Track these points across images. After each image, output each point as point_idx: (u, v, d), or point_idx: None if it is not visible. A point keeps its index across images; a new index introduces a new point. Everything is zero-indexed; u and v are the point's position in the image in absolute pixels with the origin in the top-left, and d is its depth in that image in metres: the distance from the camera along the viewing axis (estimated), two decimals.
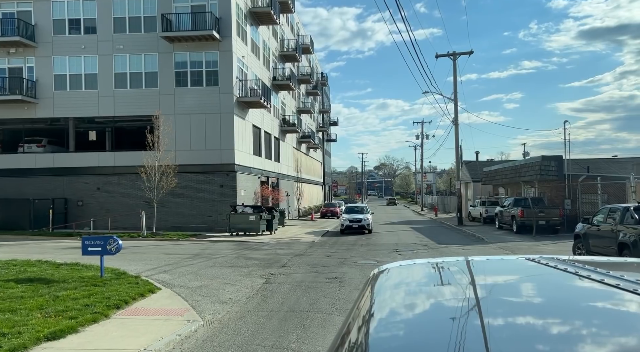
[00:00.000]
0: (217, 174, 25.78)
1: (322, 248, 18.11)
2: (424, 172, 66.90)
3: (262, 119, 32.08)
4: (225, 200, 25.51)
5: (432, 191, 78.29)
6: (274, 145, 36.31)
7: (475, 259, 1.99)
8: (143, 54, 26.08)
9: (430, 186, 78.56)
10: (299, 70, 46.93)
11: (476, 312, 1.24)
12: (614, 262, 1.93)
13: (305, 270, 12.74)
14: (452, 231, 26.55)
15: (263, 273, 12.27)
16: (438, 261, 2.01)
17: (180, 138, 25.80)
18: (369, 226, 23.46)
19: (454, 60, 28.96)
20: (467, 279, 1.72)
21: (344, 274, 11.85)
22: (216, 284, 10.80)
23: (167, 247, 18.19)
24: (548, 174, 22.68)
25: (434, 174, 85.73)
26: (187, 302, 8.82)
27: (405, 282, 1.73)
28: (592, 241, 12.04)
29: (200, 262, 14.14)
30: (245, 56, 28.18)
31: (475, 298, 1.38)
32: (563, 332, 1.11)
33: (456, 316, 1.22)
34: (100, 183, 26.29)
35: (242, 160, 27.26)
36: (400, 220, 37.71)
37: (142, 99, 25.86)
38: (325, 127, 66.45)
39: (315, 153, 61.39)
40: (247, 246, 18.84)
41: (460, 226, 28.26)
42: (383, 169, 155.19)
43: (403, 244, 19.37)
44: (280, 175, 37.78)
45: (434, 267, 1.93)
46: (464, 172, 36.47)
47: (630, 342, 1.02)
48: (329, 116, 74.73)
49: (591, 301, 1.33)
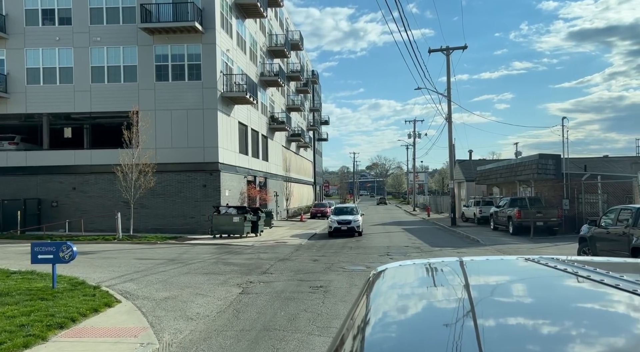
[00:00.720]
0: (200, 173, 24.54)
1: (309, 252, 16.98)
2: (416, 172, 66.01)
3: (248, 116, 30.86)
4: (208, 200, 24.28)
5: (424, 190, 77.67)
6: (262, 143, 35.10)
7: (475, 260, 2.01)
8: (121, 47, 24.75)
9: (422, 186, 77.92)
10: (288, 67, 45.75)
11: (477, 314, 1.22)
12: (613, 263, 1.92)
13: (287, 277, 11.61)
14: (446, 232, 25.56)
15: (241, 281, 11.11)
16: (437, 261, 2.00)
17: (160, 135, 24.53)
18: (359, 227, 22.30)
19: (447, 55, 28.00)
20: (466, 280, 1.70)
21: (330, 283, 10.73)
22: (186, 294, 9.63)
23: (142, 251, 16.94)
24: (546, 172, 21.75)
25: (425, 173, 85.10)
26: (147, 319, 7.63)
27: (404, 283, 1.73)
28: (600, 245, 11.04)
29: (173, 269, 12.93)
30: (230, 50, 26.95)
31: (476, 299, 1.38)
32: (564, 332, 1.10)
33: (456, 317, 1.21)
34: (76, 183, 24.92)
35: (227, 158, 26.05)
36: (392, 220, 36.69)
37: (121, 94, 24.53)
38: (315, 125, 65.29)
39: (306, 152, 60.24)
40: (228, 250, 17.65)
41: (454, 226, 27.29)
42: (375, 169, 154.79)
43: (395, 246, 18.31)
44: (268, 174, 36.59)
45: (433, 267, 1.93)
46: (457, 172, 35.53)
47: (630, 342, 1.01)
48: (319, 115, 73.60)
49: (591, 302, 1.32)
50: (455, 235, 23.46)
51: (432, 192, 74.82)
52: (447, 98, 28.00)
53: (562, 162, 21.79)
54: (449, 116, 28.04)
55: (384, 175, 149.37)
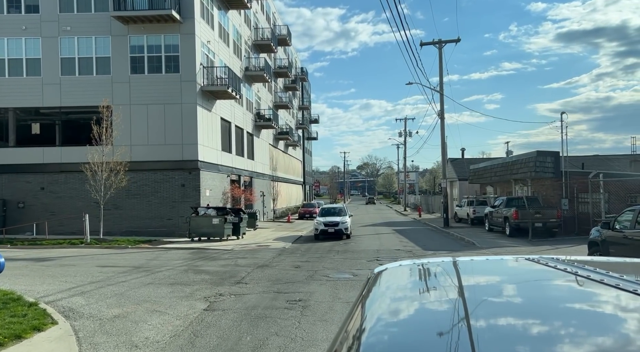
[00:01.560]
0: (179, 171, 23.04)
1: (292, 257, 15.61)
2: (406, 171, 64.88)
3: (232, 112, 29.40)
4: (187, 201, 22.80)
5: (415, 190, 76.73)
6: (247, 141, 33.64)
7: (475, 259, 2.04)
8: (93, 37, 23.15)
9: (412, 186, 76.98)
10: (275, 63, 44.32)
11: (479, 315, 1.23)
12: (613, 262, 1.90)
13: (263, 288, 10.23)
14: (439, 233, 24.33)
15: (209, 294, 9.71)
16: (437, 261, 2.01)
17: (136, 131, 23.00)
18: (347, 229, 20.91)
19: (440, 48, 26.79)
20: (467, 280, 1.70)
21: (310, 295, 9.37)
22: (140, 312, 8.21)
23: (108, 257, 15.43)
24: (544, 171, 20.61)
25: (416, 173, 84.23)
26: (79, 349, 6.22)
27: (404, 283, 1.72)
28: (614, 250, 9.82)
29: (136, 278, 11.48)
30: (211, 41, 25.47)
31: (477, 300, 1.39)
32: (564, 332, 1.10)
33: (458, 318, 1.22)
34: (45, 182, 23.28)
35: (208, 156, 24.57)
36: (382, 221, 35.44)
37: (93, 87, 22.93)
38: (305, 124, 63.88)
39: (295, 151, 58.84)
40: (204, 255, 16.21)
41: (447, 228, 26.09)
42: (366, 168, 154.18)
43: (385, 250, 17.01)
44: (254, 173, 35.14)
45: (433, 267, 1.92)
46: (449, 170, 34.35)
47: (630, 342, 1.02)
48: (309, 113, 72.21)
49: (591, 301, 1.32)
50: (448, 237, 22.24)
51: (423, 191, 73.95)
52: (439, 93, 26.79)
53: (560, 160, 20.66)
54: (442, 112, 26.85)
55: (374, 175, 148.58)
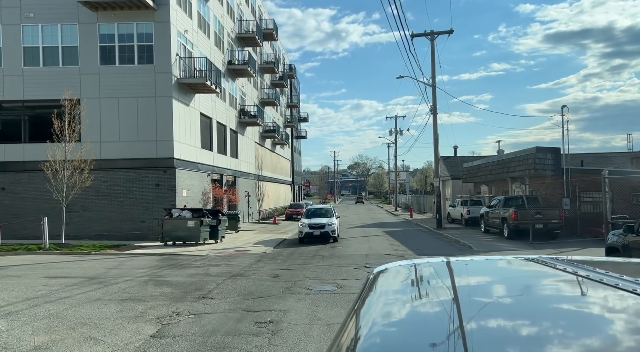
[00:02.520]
0: (153, 170, 21.35)
1: (271, 263, 14.06)
2: (397, 171, 63.58)
3: (213, 108, 27.74)
4: (162, 202, 21.13)
5: (406, 190, 75.58)
6: (231, 138, 32.00)
7: (475, 259, 2.06)
8: (59, 24, 21.38)
9: (403, 185, 75.86)
10: (262, 58, 42.71)
11: (478, 314, 1.22)
12: (613, 262, 1.90)
13: (230, 305, 8.68)
14: (432, 236, 22.93)
15: (164, 313, 8.14)
16: (437, 261, 1.99)
17: (106, 127, 21.29)
18: (334, 232, 19.38)
19: (432, 40, 25.42)
20: (466, 280, 1.71)
21: (284, 315, 7.85)
22: (71, 341, 6.62)
23: (62, 266, 13.75)
24: (544, 168, 19.30)
25: (407, 173, 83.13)
26: None
27: (403, 283, 1.71)
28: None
29: (83, 293, 9.85)
30: (189, 31, 23.81)
31: (478, 300, 1.38)
32: (564, 332, 1.10)
33: (458, 318, 1.20)
34: (6, 182, 21.46)
35: (186, 154, 22.92)
36: (372, 222, 34.00)
37: (60, 79, 21.14)
38: (293, 122, 62.30)
39: (283, 150, 57.25)
40: (174, 262, 14.59)
41: (440, 229, 24.71)
42: (356, 168, 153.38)
43: (374, 255, 15.53)
44: (238, 173, 33.51)
45: (432, 267, 1.91)
46: (442, 169, 33.00)
47: (630, 341, 1.02)
48: (298, 111, 70.63)
49: (590, 301, 1.32)
50: (442, 239, 20.84)
51: (414, 191, 72.79)
52: (432, 87, 25.42)
53: (561, 157, 19.36)
54: (434, 107, 25.47)
55: (365, 174, 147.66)
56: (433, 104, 25.47)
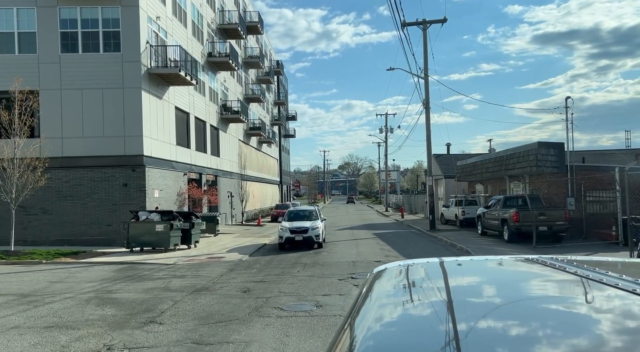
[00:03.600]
0: (120, 168, 19.45)
1: (245, 274, 12.29)
2: (387, 171, 62.03)
3: (191, 102, 25.87)
4: (130, 203, 19.24)
5: (396, 189, 74.16)
6: (212, 135, 30.13)
7: (475, 259, 2.05)
8: (15, 8, 19.37)
9: (394, 185, 74.46)
10: (246, 53, 40.85)
11: (479, 314, 1.22)
12: (613, 262, 1.90)
13: (180, 334, 6.90)
14: (425, 239, 21.30)
15: (92, 348, 6.34)
16: (436, 261, 1.99)
17: (68, 122, 19.34)
18: (319, 237, 17.22)
19: (424, 29, 23.80)
20: (466, 280, 1.70)
21: (245, 349, 6.10)
22: None
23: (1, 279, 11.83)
24: (546, 165, 17.75)
25: (397, 172, 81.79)
26: None
27: (403, 283, 1.69)
28: None
29: (1, 318, 7.99)
30: (162, 18, 21.90)
31: (478, 299, 1.38)
32: (563, 331, 1.09)
33: (457, 318, 1.20)
34: None
35: (158, 151, 21.04)
36: (362, 223, 32.33)
37: (15, 68, 19.10)
38: (281, 120, 60.41)
39: (270, 149, 55.47)
40: (133, 273, 12.74)
41: (434, 231, 23.10)
42: (347, 168, 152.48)
43: (363, 262, 13.84)
44: (220, 172, 31.65)
45: (432, 267, 1.89)
46: (435, 167, 31.42)
47: (629, 341, 1.02)
48: (286, 109, 68.79)
49: (590, 301, 1.30)
50: (437, 243, 19.21)
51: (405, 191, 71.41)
52: (424, 79, 23.81)
53: (565, 153, 17.84)
54: (427, 99, 23.85)
55: (356, 174, 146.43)
56: (425, 97, 23.86)
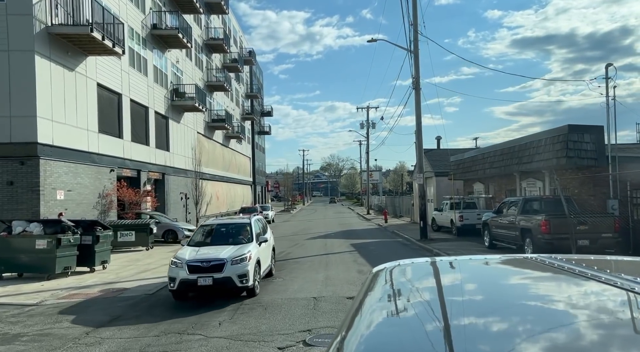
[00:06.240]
0: (2, 161, 14.21)
1: (128, 330, 7.26)
2: (369, 171, 57.43)
3: (125, 80, 20.66)
4: (18, 208, 14.04)
5: (379, 191, 69.81)
6: (157, 125, 24.94)
7: (475, 259, 2.02)
8: None
9: (376, 186, 70.12)
10: (208, 33, 35.68)
11: (478, 313, 1.23)
12: (612, 261, 1.90)
13: None
14: (417, 252, 16.51)
15: None
16: (436, 260, 1.97)
17: None
18: (247, 277, 9.10)
19: None
20: (467, 279, 1.69)
21: None
22: None
23: None
24: (580, 156, 13.19)
25: (380, 172, 77.52)
26: None
27: (403, 284, 1.67)
28: None
29: None
30: None
31: (477, 298, 1.40)
32: (562, 330, 1.09)
33: (458, 318, 1.20)
34: None
35: (67, 139, 15.84)
36: (339, 230, 27.47)
37: None
38: (254, 115, 55.23)
39: (241, 145, 50.26)
40: None
41: (426, 241, 18.40)
42: (329, 169, 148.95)
43: (330, 299, 8.97)
44: (169, 169, 26.50)
45: (432, 267, 1.88)
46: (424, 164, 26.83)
47: (628, 338, 1.02)
48: (260, 104, 63.64)
49: (590, 299, 1.31)
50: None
51: (386, 192, 67.06)
52: (413, 53, 19.10)
53: (606, 142, 13.28)
54: (417, 79, 19.15)
55: (337, 175, 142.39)
56: (415, 76, 19.14)
